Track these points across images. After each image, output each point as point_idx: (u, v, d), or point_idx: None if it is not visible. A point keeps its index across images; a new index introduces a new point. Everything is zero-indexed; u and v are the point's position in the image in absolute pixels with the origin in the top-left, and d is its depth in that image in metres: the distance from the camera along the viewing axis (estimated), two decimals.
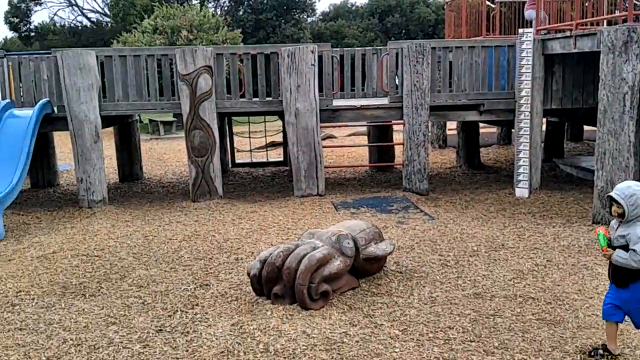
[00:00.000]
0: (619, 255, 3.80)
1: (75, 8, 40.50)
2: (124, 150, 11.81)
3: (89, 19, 40.34)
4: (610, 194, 3.91)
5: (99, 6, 39.93)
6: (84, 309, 5.02)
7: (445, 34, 15.22)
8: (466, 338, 4.28)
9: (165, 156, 15.07)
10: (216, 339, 4.34)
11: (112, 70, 9.44)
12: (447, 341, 4.26)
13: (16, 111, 9.21)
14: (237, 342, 4.27)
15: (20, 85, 9.71)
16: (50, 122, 9.47)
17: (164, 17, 22.59)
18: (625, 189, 3.83)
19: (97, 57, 9.23)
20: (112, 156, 12.55)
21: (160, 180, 11.72)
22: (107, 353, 4.19)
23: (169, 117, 20.25)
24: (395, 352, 4.12)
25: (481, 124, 12.44)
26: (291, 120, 9.21)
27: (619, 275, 3.88)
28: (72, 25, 40.45)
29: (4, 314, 4.97)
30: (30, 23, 39.38)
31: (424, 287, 5.34)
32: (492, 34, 13.33)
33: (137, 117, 12.63)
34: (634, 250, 3.75)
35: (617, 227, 3.91)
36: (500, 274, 5.66)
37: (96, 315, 4.88)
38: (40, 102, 9.15)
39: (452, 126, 15.01)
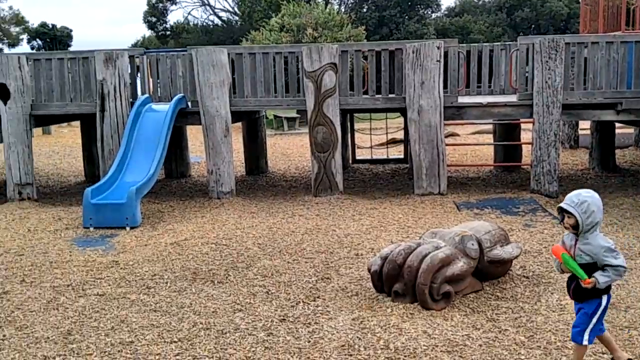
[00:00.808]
0: (603, 280, 3.46)
1: (208, 7, 42.49)
2: (251, 144, 12.26)
3: (220, 17, 42.19)
4: (560, 204, 3.55)
5: (229, 5, 41.61)
6: (212, 295, 5.27)
7: (580, 29, 14.43)
8: (597, 350, 4.05)
9: (288, 151, 15.47)
10: (337, 332, 4.41)
11: (242, 67, 9.80)
12: None
13: (154, 105, 9.82)
14: (357, 337, 4.30)
15: (158, 81, 10.34)
16: (184, 117, 10.00)
17: (290, 15, 23.15)
18: (575, 197, 3.49)
19: (228, 54, 9.63)
20: (239, 150, 13.06)
21: (284, 175, 12.05)
22: (233, 338, 4.38)
23: (293, 114, 20.78)
24: (521, 359, 3.98)
25: (617, 124, 11.68)
26: (414, 117, 9.13)
27: (582, 293, 3.57)
28: (204, 24, 42.47)
29: (140, 295, 5.33)
30: (166, 22, 41.81)
31: (552, 293, 5.10)
32: (632, 29, 12.46)
33: (264, 113, 13.05)
34: (612, 267, 3.46)
35: (575, 243, 3.56)
36: (636, 284, 5.30)
37: (224, 302, 5.11)
38: (176, 97, 9.69)
39: (584, 126, 14.21)
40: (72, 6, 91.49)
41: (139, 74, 10.13)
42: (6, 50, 39.54)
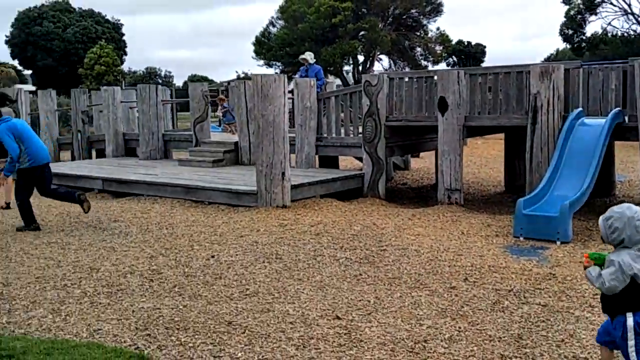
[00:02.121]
0: (589, 271, 3.57)
1: (630, 16, 39.30)
2: None
3: None
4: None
5: None
6: None
7: None
8: None
9: None
10: None
11: None
12: None
13: (586, 120, 9.47)
14: None
15: (587, 94, 9.92)
16: (619, 132, 9.40)
17: None
18: (608, 212, 3.57)
19: None
20: None
21: None
22: None
23: None
24: None
25: None
26: None
27: (604, 302, 3.61)
28: (624, 34, 39.44)
29: (584, 312, 5.16)
30: (583, 34, 40.11)
31: None
32: None
33: None
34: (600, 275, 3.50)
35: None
36: None
37: None
38: (613, 111, 9.17)
39: None
40: (484, 24, 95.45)
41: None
42: (430, 67, 43.36)
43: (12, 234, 8.48)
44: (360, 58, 43.01)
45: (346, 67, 43.44)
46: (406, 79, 11.80)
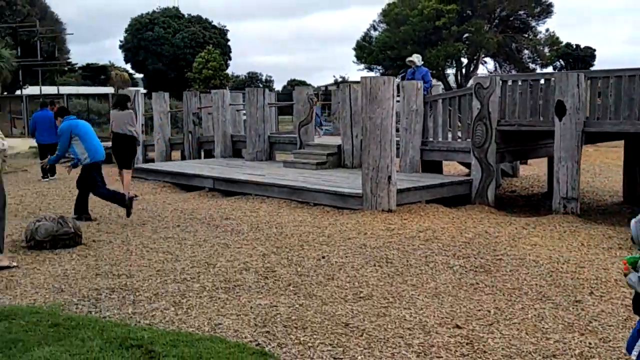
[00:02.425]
0: (630, 278, 3.29)
1: None
2: None
3: None
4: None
5: None
6: None
7: None
8: None
9: None
10: None
11: None
12: None
13: None
14: None
15: None
16: None
17: None
18: None
19: None
20: None
21: None
22: None
23: None
24: None
25: None
26: None
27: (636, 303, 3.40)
28: None
29: None
30: None
31: None
32: None
33: None
34: None
35: None
36: None
37: None
38: None
39: None
40: (593, 26, 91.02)
41: None
42: (538, 69, 41.84)
43: (132, 228, 8.89)
44: (464, 61, 42.19)
45: (448, 70, 42.75)
46: (520, 82, 11.39)
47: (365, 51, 43.13)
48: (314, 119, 15.28)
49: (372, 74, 43.57)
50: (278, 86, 75.86)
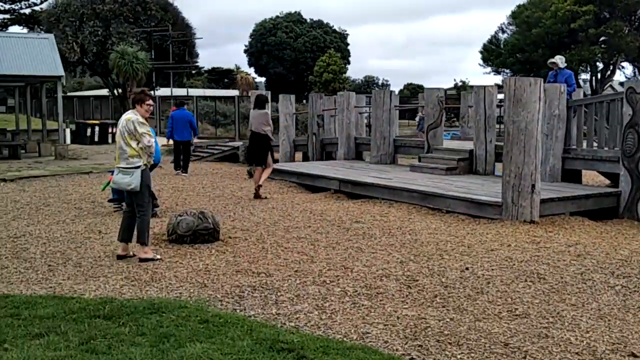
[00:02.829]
0: None
1: None
2: None
3: None
4: None
5: None
6: None
7: None
8: None
9: None
10: None
11: None
12: None
13: None
14: None
15: None
16: None
17: None
18: None
19: None
20: None
21: None
22: None
23: None
24: None
25: None
26: None
27: None
28: None
29: None
30: None
31: None
32: None
33: None
34: None
35: None
36: None
37: None
38: None
39: None
40: None
41: None
42: None
43: (265, 227, 8.88)
44: (599, 65, 39.65)
45: (583, 76, 40.38)
46: None
47: (493, 54, 41.66)
48: (442, 123, 14.78)
49: (499, 77, 42.07)
50: (394, 90, 75.36)
